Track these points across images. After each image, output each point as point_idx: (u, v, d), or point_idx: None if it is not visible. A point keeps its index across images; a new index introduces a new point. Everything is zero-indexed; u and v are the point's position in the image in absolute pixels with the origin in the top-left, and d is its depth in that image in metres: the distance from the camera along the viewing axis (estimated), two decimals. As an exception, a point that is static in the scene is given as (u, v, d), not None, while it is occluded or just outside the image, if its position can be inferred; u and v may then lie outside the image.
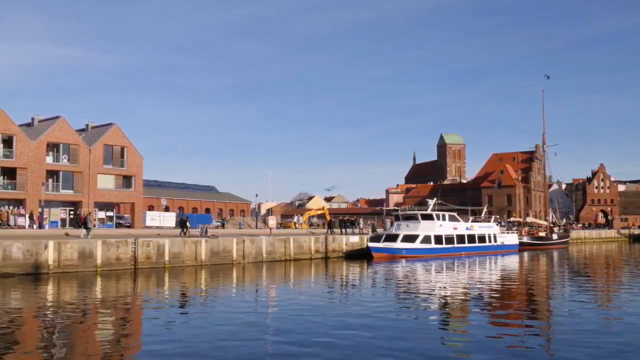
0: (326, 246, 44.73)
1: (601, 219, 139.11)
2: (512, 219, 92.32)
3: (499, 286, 27.70)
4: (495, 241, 55.03)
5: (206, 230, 42.14)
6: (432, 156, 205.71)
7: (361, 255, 44.43)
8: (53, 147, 55.31)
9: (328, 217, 60.10)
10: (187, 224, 43.29)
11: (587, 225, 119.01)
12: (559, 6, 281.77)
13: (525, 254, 54.49)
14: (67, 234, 38.35)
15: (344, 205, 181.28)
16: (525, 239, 63.80)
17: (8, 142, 51.85)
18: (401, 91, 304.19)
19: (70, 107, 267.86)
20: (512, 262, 44.92)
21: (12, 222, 48.88)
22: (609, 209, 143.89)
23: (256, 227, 64.23)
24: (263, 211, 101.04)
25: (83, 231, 36.14)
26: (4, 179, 52.14)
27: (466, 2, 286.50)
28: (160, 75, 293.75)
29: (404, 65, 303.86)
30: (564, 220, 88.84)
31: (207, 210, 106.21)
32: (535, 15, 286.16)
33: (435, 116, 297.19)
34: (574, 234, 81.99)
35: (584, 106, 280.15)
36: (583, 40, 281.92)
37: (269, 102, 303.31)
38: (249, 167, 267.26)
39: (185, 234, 40.94)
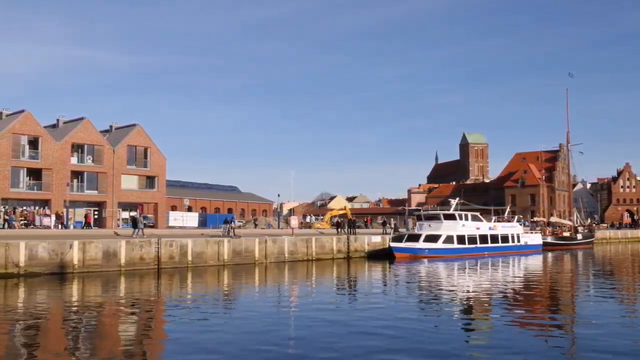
0: (348, 246, 44.64)
1: (627, 219, 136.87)
2: (535, 218, 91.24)
3: (523, 287, 27.36)
4: (519, 241, 54.39)
5: (228, 230, 42.45)
6: (455, 156, 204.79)
7: (383, 256, 44.27)
8: (78, 148, 56.12)
9: (349, 217, 59.99)
10: (232, 223, 44.31)
11: (617, 226, 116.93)
12: (580, 4, 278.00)
13: (549, 254, 53.73)
14: (116, 233, 39.57)
15: (365, 205, 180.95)
16: (549, 239, 62.96)
17: (34, 143, 52.72)
18: (423, 90, 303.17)
19: (94, 108, 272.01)
20: (535, 262, 44.33)
21: (37, 222, 49.64)
22: (635, 208, 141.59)
23: (278, 227, 64.39)
24: (285, 211, 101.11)
25: (133, 230, 37.35)
26: (29, 179, 53.00)
27: (488, 1, 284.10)
28: (182, 76, 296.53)
29: (425, 64, 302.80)
30: (589, 220, 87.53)
31: (230, 210, 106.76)
32: (557, 13, 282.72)
33: (457, 115, 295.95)
34: (599, 234, 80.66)
35: (609, 105, 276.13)
36: (607, 38, 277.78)
37: (291, 102, 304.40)
38: (271, 168, 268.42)
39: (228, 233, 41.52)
